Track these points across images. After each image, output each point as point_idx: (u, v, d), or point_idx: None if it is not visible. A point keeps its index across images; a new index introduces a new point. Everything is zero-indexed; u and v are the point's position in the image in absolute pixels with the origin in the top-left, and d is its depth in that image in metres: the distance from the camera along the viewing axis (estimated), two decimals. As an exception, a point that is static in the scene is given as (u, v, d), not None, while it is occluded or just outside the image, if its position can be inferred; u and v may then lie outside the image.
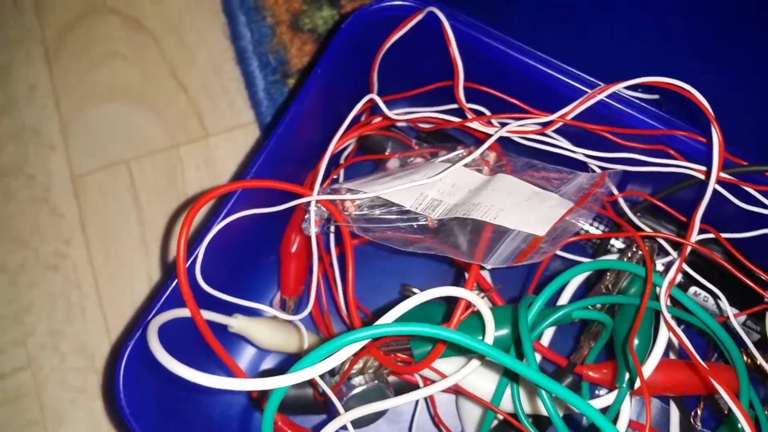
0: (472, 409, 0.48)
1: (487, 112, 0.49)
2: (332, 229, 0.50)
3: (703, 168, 0.43)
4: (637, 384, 0.42)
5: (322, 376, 0.44)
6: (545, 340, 0.48)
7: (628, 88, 0.43)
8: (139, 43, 0.61)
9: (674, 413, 0.47)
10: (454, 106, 0.49)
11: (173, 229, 0.56)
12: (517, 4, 0.58)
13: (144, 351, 0.38)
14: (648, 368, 0.42)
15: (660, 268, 0.47)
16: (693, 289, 0.48)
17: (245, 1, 0.59)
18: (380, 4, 0.45)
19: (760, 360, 0.44)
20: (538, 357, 0.48)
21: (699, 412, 0.47)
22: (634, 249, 0.43)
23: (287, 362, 0.51)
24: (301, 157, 0.50)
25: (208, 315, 0.43)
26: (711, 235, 0.45)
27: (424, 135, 0.52)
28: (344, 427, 0.41)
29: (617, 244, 0.50)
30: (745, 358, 0.45)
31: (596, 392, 0.48)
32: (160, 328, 0.41)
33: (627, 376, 0.41)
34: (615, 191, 0.47)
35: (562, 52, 0.46)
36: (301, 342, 0.47)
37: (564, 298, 0.49)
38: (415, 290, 0.51)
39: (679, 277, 0.48)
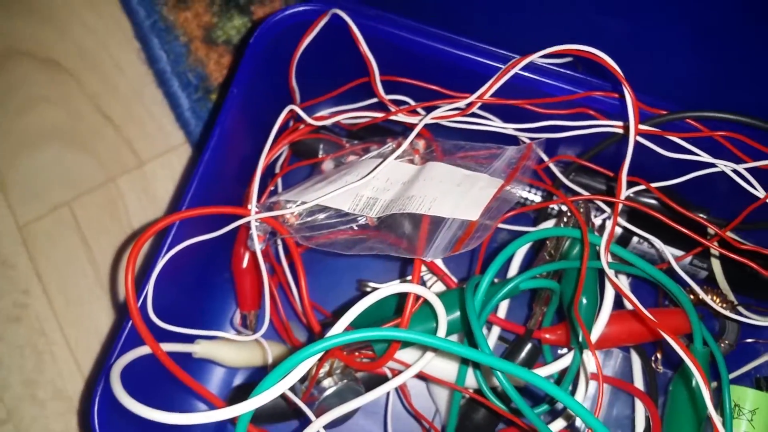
0: (442, 390, 0.49)
1: (411, 101, 0.49)
2: (279, 240, 0.50)
3: (623, 123, 0.44)
4: (593, 340, 0.43)
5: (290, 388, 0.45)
6: (501, 312, 0.50)
7: (544, 56, 0.44)
8: (59, 83, 0.60)
9: (636, 360, 0.49)
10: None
11: (124, 264, 0.56)
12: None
13: (113, 394, 0.39)
14: (599, 325, 0.43)
15: (600, 223, 0.49)
16: (636, 238, 0.50)
17: (156, 23, 0.58)
18: (284, 13, 0.45)
19: (703, 296, 0.45)
20: (497, 329, 0.49)
21: (658, 356, 0.49)
22: (569, 213, 0.45)
23: (258, 374, 0.52)
24: (236, 173, 0.50)
25: (169, 347, 0.44)
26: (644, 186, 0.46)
27: (354, 132, 0.53)
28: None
29: (557, 206, 0.51)
30: (693, 297, 0.47)
31: (558, 351, 0.50)
32: (128, 368, 0.41)
33: (580, 336, 0.43)
34: (545, 158, 0.48)
35: (478, 32, 0.47)
36: (266, 355, 0.48)
37: (513, 269, 0.50)
38: (371, 284, 0.52)
39: (621, 230, 0.49)
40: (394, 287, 0.40)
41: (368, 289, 0.53)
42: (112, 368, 0.40)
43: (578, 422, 0.46)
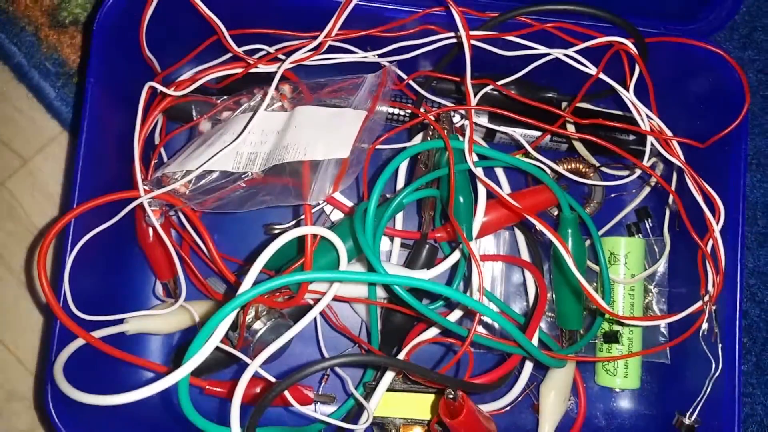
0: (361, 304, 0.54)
1: (270, 49, 0.51)
2: (177, 209, 0.52)
3: (457, 34, 0.48)
4: (475, 232, 0.49)
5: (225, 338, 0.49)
6: (399, 223, 0.55)
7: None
8: None
9: (520, 235, 0.55)
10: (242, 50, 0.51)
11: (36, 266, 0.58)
12: None
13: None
14: (478, 217, 0.48)
15: (461, 125, 0.53)
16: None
17: (-3, 18, 0.57)
18: (118, -7, 0.46)
19: (556, 167, 0.51)
20: (398, 241, 0.54)
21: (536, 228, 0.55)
22: (432, 127, 0.49)
23: (195, 331, 0.56)
24: (118, 152, 0.50)
25: (101, 333, 0.47)
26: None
27: (223, 87, 0.54)
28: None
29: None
30: (555, 172, 0.53)
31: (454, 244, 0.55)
32: (72, 359, 0.44)
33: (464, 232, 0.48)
34: (404, 76, 0.51)
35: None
36: (194, 316, 0.51)
37: (400, 182, 0.54)
38: (276, 226, 0.55)
39: (484, 130, 0.54)
40: (290, 233, 0.43)
41: (275, 231, 0.56)
42: (54, 367, 0.44)
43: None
